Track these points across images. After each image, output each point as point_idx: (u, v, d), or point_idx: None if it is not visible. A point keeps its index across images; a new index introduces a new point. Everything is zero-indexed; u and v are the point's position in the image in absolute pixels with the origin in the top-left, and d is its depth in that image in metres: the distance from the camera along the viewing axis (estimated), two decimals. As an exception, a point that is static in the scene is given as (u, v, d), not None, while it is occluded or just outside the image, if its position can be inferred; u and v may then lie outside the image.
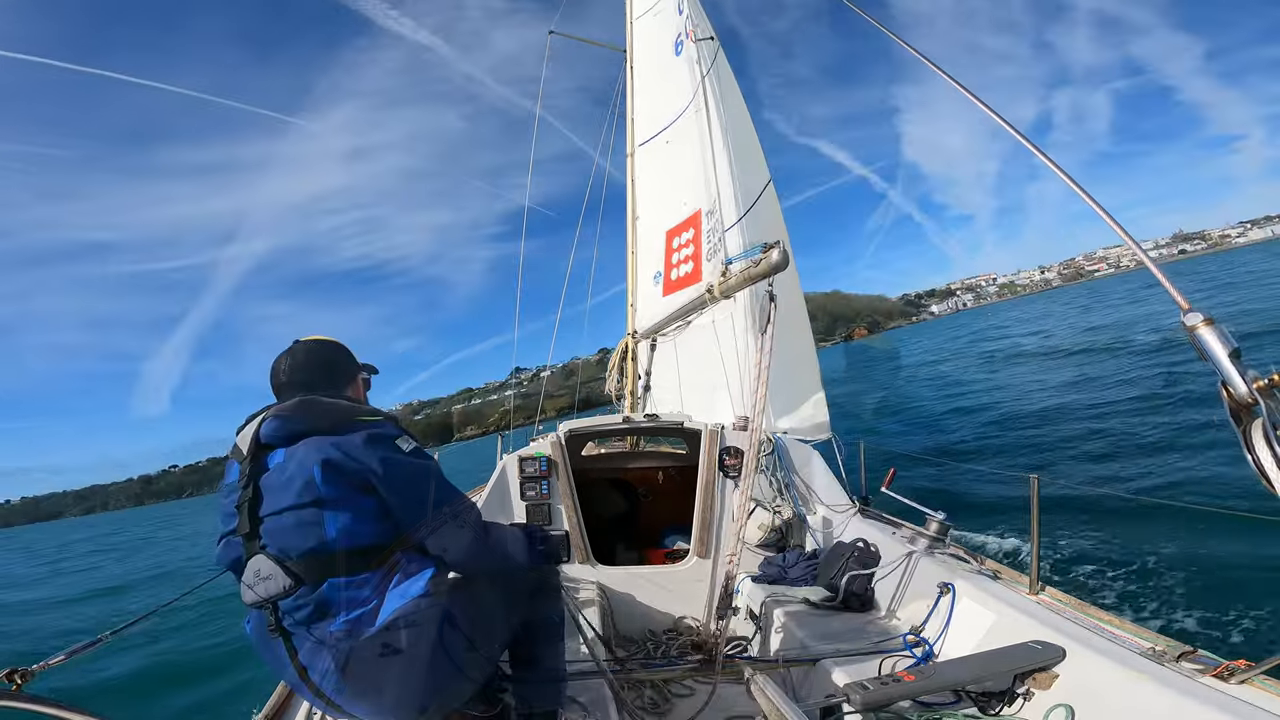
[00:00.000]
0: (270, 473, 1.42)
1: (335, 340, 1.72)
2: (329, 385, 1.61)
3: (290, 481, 1.37)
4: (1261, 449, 0.86)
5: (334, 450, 1.38)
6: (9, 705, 1.31)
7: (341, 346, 1.71)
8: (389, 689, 1.38)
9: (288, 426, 1.44)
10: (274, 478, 1.40)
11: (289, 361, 1.61)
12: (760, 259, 1.95)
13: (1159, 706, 1.48)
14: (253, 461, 1.43)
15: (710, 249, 5.64)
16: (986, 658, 1.79)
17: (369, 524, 1.39)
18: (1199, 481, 6.94)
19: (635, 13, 7.21)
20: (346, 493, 1.37)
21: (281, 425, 1.44)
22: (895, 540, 2.86)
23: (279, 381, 1.60)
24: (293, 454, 1.41)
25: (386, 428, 1.48)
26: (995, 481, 7.85)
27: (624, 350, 6.44)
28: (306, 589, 1.34)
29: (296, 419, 1.44)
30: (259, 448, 1.44)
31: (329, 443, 1.39)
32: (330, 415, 1.46)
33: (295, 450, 1.41)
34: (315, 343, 1.68)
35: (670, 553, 3.80)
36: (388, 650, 1.34)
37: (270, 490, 1.40)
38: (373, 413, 1.52)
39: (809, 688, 2.18)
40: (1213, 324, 0.95)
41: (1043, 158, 1.36)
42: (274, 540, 1.37)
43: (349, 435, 1.41)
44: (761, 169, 5.73)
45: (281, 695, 2.02)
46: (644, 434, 4.51)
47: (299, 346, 1.65)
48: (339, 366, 1.68)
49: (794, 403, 5.40)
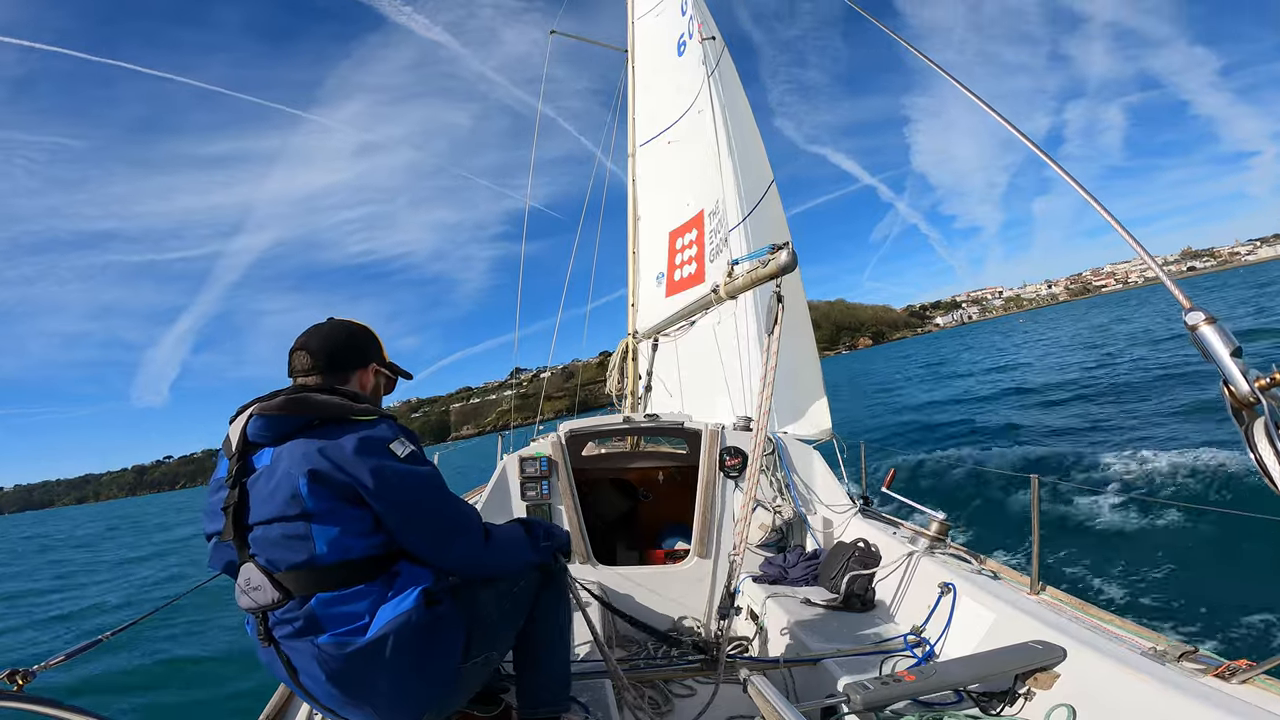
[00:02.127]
0: (257, 476, 1.35)
1: (364, 326, 1.64)
2: (332, 368, 1.53)
3: (276, 492, 1.31)
4: (1263, 447, 0.86)
5: (322, 460, 1.30)
6: (9, 705, 1.31)
7: (360, 333, 1.62)
8: (381, 701, 1.35)
9: (273, 426, 1.36)
10: (260, 485, 1.33)
11: (306, 335, 1.56)
12: (769, 259, 1.94)
13: (1160, 706, 1.48)
14: (240, 460, 1.37)
15: (714, 249, 5.64)
16: (987, 658, 1.79)
17: (360, 537, 1.32)
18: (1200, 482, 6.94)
19: (637, 13, 7.22)
20: (335, 505, 1.31)
21: (266, 425, 1.36)
22: (896, 540, 2.86)
23: (292, 351, 1.54)
24: (279, 457, 1.34)
25: (380, 430, 1.39)
26: (995, 481, 7.85)
27: (625, 350, 6.44)
28: (295, 602, 1.30)
29: (283, 418, 1.36)
30: (246, 445, 1.38)
31: (316, 450, 1.31)
32: (320, 412, 1.37)
33: (282, 453, 1.34)
34: (338, 322, 1.61)
35: (670, 553, 3.80)
36: (378, 664, 1.30)
37: (256, 497, 1.33)
38: (367, 411, 1.42)
39: (810, 688, 2.18)
40: (1214, 322, 0.95)
41: (1055, 166, 1.36)
42: (261, 551, 1.32)
43: (339, 440, 1.33)
44: (765, 170, 5.74)
45: (283, 696, 2.02)
46: (644, 434, 4.50)
47: (326, 323, 1.59)
48: (349, 351, 1.58)
49: (796, 404, 5.41)
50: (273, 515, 1.31)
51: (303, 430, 1.36)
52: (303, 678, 1.33)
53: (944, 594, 2.33)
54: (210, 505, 1.42)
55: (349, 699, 1.33)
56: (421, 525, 1.39)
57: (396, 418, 1.48)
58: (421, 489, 1.39)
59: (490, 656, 1.57)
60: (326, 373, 1.53)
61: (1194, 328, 0.96)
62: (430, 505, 1.41)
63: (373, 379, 1.64)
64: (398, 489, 1.34)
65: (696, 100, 5.94)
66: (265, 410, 1.37)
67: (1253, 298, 32.61)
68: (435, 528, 1.41)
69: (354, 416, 1.39)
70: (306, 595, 1.29)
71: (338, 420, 1.38)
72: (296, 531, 1.29)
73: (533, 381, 12.55)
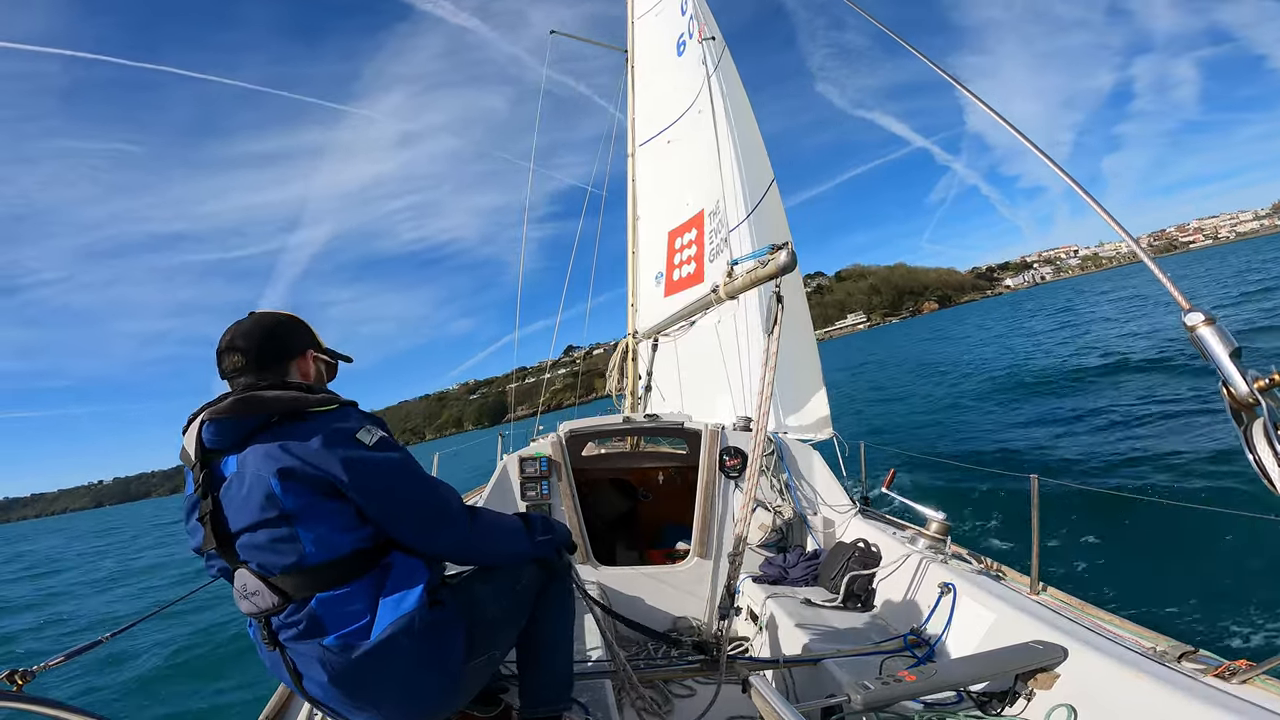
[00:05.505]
0: (227, 485, 1.30)
1: (290, 315, 1.54)
2: (264, 363, 1.43)
3: (250, 496, 1.26)
4: (1262, 448, 0.86)
5: (288, 458, 1.25)
6: (9, 706, 1.31)
7: (287, 322, 1.52)
8: (386, 703, 1.34)
9: (228, 431, 1.30)
10: (232, 491, 1.29)
11: (229, 333, 1.44)
12: (768, 259, 1.93)
13: (1161, 706, 1.47)
14: (204, 469, 1.32)
15: (713, 249, 5.65)
16: (988, 658, 1.79)
17: (345, 531, 1.29)
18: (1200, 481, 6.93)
19: (636, 12, 7.22)
20: (313, 501, 1.27)
21: (220, 430, 1.30)
22: (896, 540, 2.86)
23: (219, 352, 1.44)
24: (244, 462, 1.28)
25: (343, 419, 1.33)
26: (995, 481, 7.85)
27: (624, 350, 6.44)
28: (295, 605, 1.28)
29: (236, 421, 1.29)
30: (206, 453, 1.32)
31: (279, 449, 1.26)
32: (274, 409, 1.30)
33: (246, 458, 1.28)
34: (261, 314, 1.50)
35: (670, 553, 3.80)
36: (384, 667, 1.30)
37: (231, 506, 1.29)
38: (324, 401, 1.34)
39: (810, 688, 2.18)
40: (1213, 323, 0.95)
41: (1049, 161, 1.37)
42: (252, 557, 1.29)
43: (303, 436, 1.28)
44: (765, 169, 5.74)
45: (282, 697, 2.02)
46: (644, 434, 4.51)
47: (248, 318, 1.49)
48: (278, 342, 1.46)
49: (796, 401, 5.41)
50: (253, 521, 1.27)
51: (261, 430, 1.30)
52: (307, 681, 1.32)
53: (944, 594, 2.33)
54: (190, 523, 1.37)
55: (354, 701, 1.33)
56: (402, 513, 1.34)
57: (357, 403, 1.41)
58: (395, 475, 1.34)
59: (493, 655, 1.56)
60: (260, 369, 1.42)
61: (1193, 328, 0.97)
62: (407, 491, 1.36)
63: (312, 366, 1.55)
64: (372, 477, 1.29)
65: (696, 100, 5.94)
66: (216, 414, 1.30)
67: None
68: (417, 514, 1.37)
69: (313, 408, 1.33)
70: (306, 597, 1.28)
71: (296, 414, 1.31)
72: (281, 534, 1.26)
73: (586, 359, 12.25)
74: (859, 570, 2.76)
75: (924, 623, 2.34)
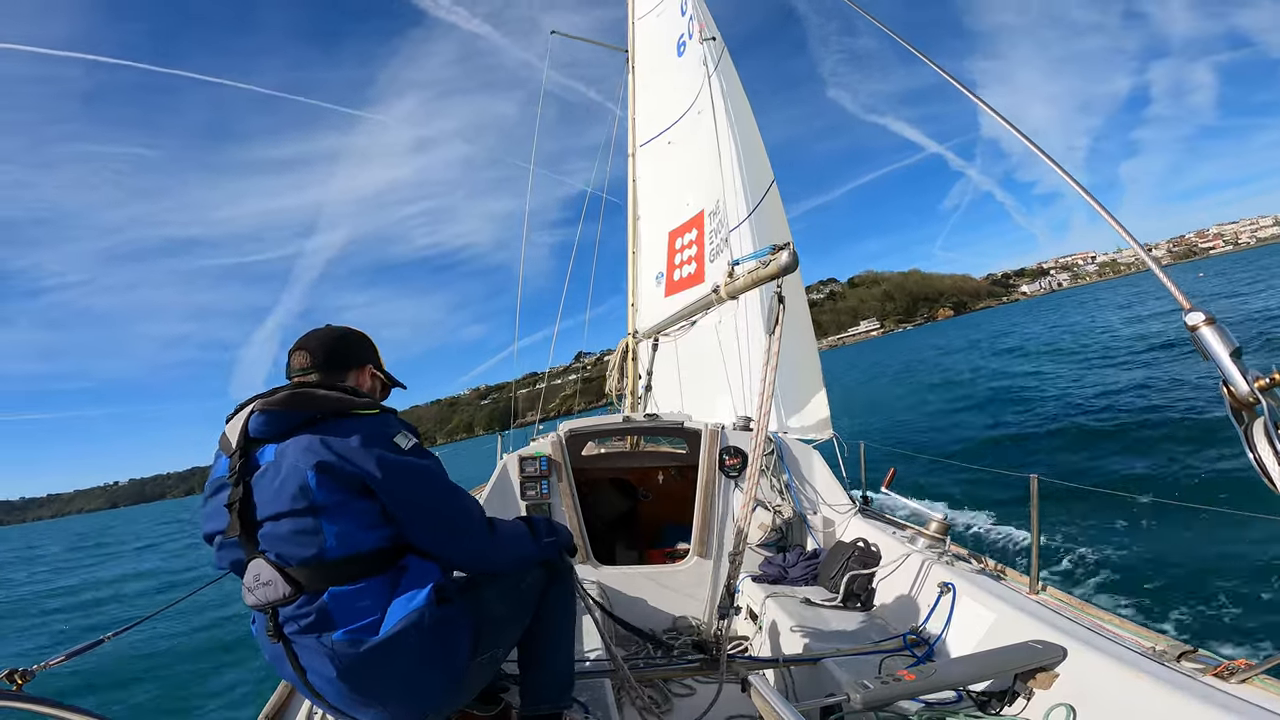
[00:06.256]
0: (262, 472, 1.34)
1: (360, 332, 1.68)
2: (329, 367, 1.55)
3: (284, 486, 1.30)
4: (1263, 447, 0.87)
5: (327, 453, 1.30)
6: (9, 705, 1.30)
7: (357, 336, 1.66)
8: (391, 700, 1.35)
9: (277, 422, 1.36)
10: (266, 480, 1.33)
11: (304, 337, 1.58)
12: (769, 260, 1.93)
13: (1160, 706, 1.48)
14: (242, 457, 1.36)
15: (714, 250, 5.65)
16: (987, 657, 1.79)
17: (369, 530, 1.33)
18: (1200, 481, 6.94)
19: (637, 13, 7.22)
20: (344, 498, 1.31)
21: (270, 420, 1.36)
22: (895, 540, 2.86)
23: (291, 351, 1.57)
24: (283, 453, 1.33)
25: (383, 423, 1.40)
26: (995, 481, 7.86)
27: (624, 350, 6.45)
28: (307, 597, 1.29)
29: (286, 413, 1.36)
30: (248, 442, 1.38)
31: (320, 443, 1.31)
32: (323, 407, 1.37)
33: (286, 449, 1.33)
34: (336, 326, 1.64)
35: (670, 552, 3.80)
36: (390, 662, 1.31)
37: (263, 493, 1.33)
38: (368, 405, 1.42)
39: (810, 687, 2.18)
40: (1214, 323, 0.95)
41: (1046, 158, 1.37)
42: (272, 547, 1.32)
43: (344, 434, 1.34)
44: (766, 170, 5.74)
45: (283, 694, 2.02)
46: (644, 434, 4.51)
47: (324, 327, 1.62)
48: (346, 352, 1.61)
49: (797, 401, 5.42)
50: (281, 510, 1.31)
51: (305, 425, 1.36)
52: (311, 675, 1.33)
53: (944, 594, 2.33)
54: (212, 504, 1.41)
55: (359, 697, 1.33)
56: (426, 519, 1.39)
57: (396, 413, 1.48)
58: (424, 482, 1.39)
59: (496, 654, 1.57)
60: (324, 371, 1.54)
61: (1194, 328, 0.97)
62: (433, 499, 1.40)
63: (369, 381, 1.66)
64: (402, 480, 1.34)
65: (696, 100, 5.95)
66: (269, 406, 1.36)
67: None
68: (440, 522, 1.41)
69: (356, 410, 1.39)
70: (319, 590, 1.30)
71: (340, 414, 1.38)
72: (305, 526, 1.29)
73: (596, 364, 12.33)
74: (858, 570, 2.76)
75: (923, 622, 2.34)
